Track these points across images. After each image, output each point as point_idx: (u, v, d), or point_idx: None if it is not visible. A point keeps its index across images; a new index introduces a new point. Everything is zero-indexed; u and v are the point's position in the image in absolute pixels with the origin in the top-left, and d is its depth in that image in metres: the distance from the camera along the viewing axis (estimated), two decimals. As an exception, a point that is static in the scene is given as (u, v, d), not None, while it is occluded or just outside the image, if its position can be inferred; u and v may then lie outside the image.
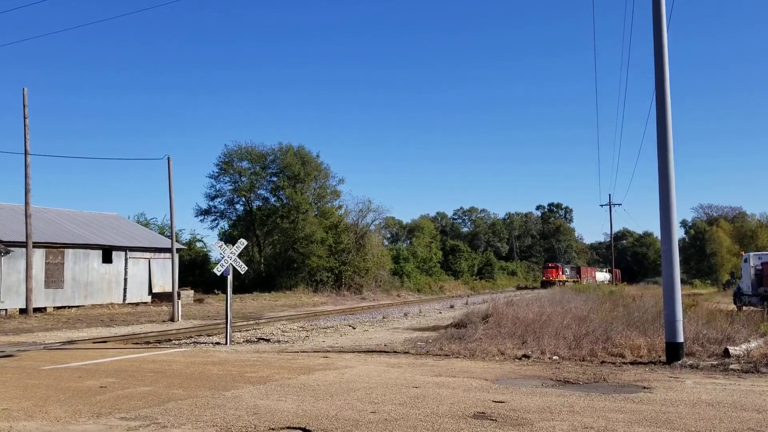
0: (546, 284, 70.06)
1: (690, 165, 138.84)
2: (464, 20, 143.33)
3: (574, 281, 74.67)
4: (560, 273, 74.57)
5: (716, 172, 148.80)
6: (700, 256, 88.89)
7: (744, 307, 26.79)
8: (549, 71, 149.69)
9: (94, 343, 16.94)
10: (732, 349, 11.35)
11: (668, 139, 11.71)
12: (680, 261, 12.16)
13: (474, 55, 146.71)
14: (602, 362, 11.28)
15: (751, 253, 31.05)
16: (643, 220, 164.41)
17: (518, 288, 74.82)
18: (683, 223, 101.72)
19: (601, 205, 71.96)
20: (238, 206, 54.50)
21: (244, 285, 45.55)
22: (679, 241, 12.29)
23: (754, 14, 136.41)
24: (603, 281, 77.45)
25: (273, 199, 53.68)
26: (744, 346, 11.68)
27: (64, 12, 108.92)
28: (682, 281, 18.96)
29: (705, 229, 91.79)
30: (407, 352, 13.22)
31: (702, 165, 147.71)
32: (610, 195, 75.65)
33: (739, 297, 30.69)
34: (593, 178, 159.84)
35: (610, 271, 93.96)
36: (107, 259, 34.71)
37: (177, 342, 16.77)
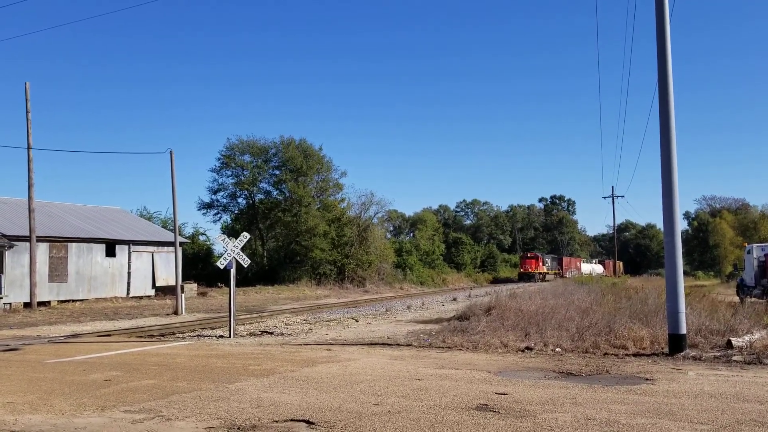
0: (524, 277, 66.12)
1: (693, 157, 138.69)
2: (467, 14, 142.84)
3: (555, 273, 71.56)
4: (540, 264, 69.66)
5: (719, 163, 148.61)
6: (703, 247, 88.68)
7: (747, 299, 26.76)
8: (552, 65, 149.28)
9: (98, 336, 17.00)
10: (735, 341, 11.35)
11: (671, 131, 11.68)
12: (683, 253, 12.14)
13: (476, 48, 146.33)
14: (605, 354, 11.29)
15: (754, 245, 30.95)
16: (646, 212, 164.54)
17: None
18: (686, 215, 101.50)
19: (604, 197, 71.89)
20: (240, 200, 54.54)
21: (247, 278, 45.61)
22: (682, 232, 12.27)
23: (755, 7, 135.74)
24: (590, 273, 73.31)
25: (275, 193, 53.71)
26: (747, 338, 11.67)
27: (66, 5, 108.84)
28: (685, 273, 18.95)
29: (708, 220, 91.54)
30: (410, 345, 13.25)
31: (705, 157, 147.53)
32: (612, 187, 75.65)
33: (742, 289, 30.62)
34: (596, 171, 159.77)
35: (601, 263, 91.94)
36: (111, 252, 34.79)
37: (181, 335, 16.82)
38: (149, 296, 36.17)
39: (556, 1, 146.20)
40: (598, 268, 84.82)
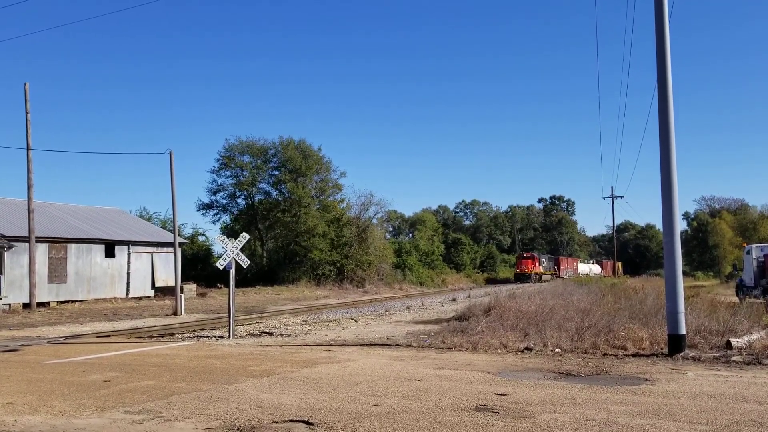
0: (520, 277, 64.45)
1: (692, 157, 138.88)
2: (466, 14, 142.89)
3: (552, 274, 70.40)
4: (537, 264, 67.67)
5: (718, 164, 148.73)
6: (702, 248, 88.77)
7: (746, 299, 26.79)
8: (551, 65, 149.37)
9: (97, 337, 16.99)
10: (734, 341, 11.36)
11: (670, 131, 11.68)
12: (682, 253, 12.14)
13: (476, 49, 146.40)
14: (604, 354, 11.29)
15: (754, 245, 30.99)
16: (646, 213, 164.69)
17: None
18: (685, 215, 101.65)
19: (604, 198, 71.82)
20: (239, 200, 54.54)
21: (246, 279, 45.60)
22: (681, 233, 12.27)
23: (754, 8, 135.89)
24: (587, 274, 72.09)
25: (275, 193, 53.73)
26: (746, 338, 11.68)
27: (65, 5, 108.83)
28: (685, 273, 18.94)
29: (707, 221, 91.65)
30: (410, 345, 13.25)
31: (704, 157, 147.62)
32: (612, 187, 75.64)
33: (741, 289, 30.66)
34: (596, 171, 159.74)
35: (599, 263, 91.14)
36: (110, 253, 34.77)
37: (180, 336, 16.82)
38: (149, 297, 36.15)
39: (556, 1, 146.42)
40: (596, 269, 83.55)
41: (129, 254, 35.85)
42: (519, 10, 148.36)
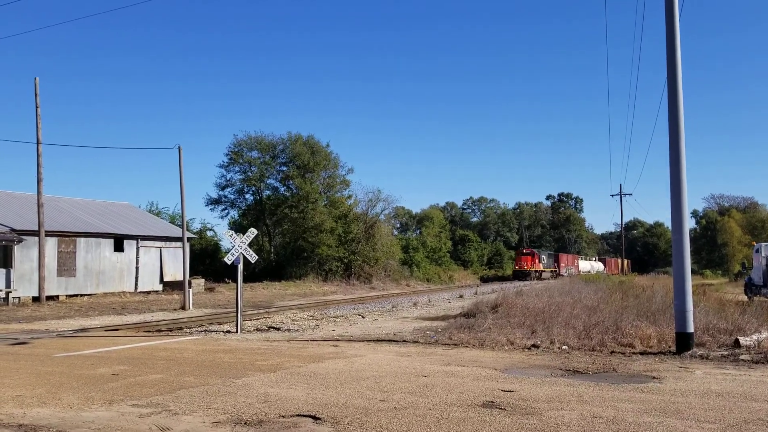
0: (519, 275, 61.27)
1: (702, 155, 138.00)
2: (475, 14, 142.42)
3: (552, 271, 68.04)
4: (537, 261, 64.32)
5: (728, 162, 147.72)
6: (711, 246, 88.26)
7: (755, 298, 26.66)
8: (561, 65, 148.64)
9: (106, 331, 17.09)
10: (742, 340, 11.31)
11: (680, 129, 11.62)
12: (691, 251, 12.10)
13: (485, 48, 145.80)
14: (612, 352, 11.27)
15: (763, 244, 30.82)
16: (654, 210, 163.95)
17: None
18: (694, 213, 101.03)
19: (612, 195, 71.65)
20: (248, 196, 54.69)
21: (254, 274, 45.74)
22: (690, 231, 12.22)
23: (763, 8, 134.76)
24: (589, 272, 69.64)
25: (282, 189, 53.83)
26: (755, 337, 11.62)
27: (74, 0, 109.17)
28: (693, 271, 18.87)
29: (716, 219, 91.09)
30: (416, 342, 13.26)
31: (714, 155, 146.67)
32: (620, 185, 75.32)
33: (750, 287, 30.51)
34: (604, 169, 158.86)
35: (602, 260, 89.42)
36: (119, 247, 34.95)
37: (188, 330, 16.90)
38: (157, 291, 36.33)
39: (567, 2, 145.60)
40: (599, 266, 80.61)
41: (138, 249, 36.02)
42: (529, 10, 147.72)
